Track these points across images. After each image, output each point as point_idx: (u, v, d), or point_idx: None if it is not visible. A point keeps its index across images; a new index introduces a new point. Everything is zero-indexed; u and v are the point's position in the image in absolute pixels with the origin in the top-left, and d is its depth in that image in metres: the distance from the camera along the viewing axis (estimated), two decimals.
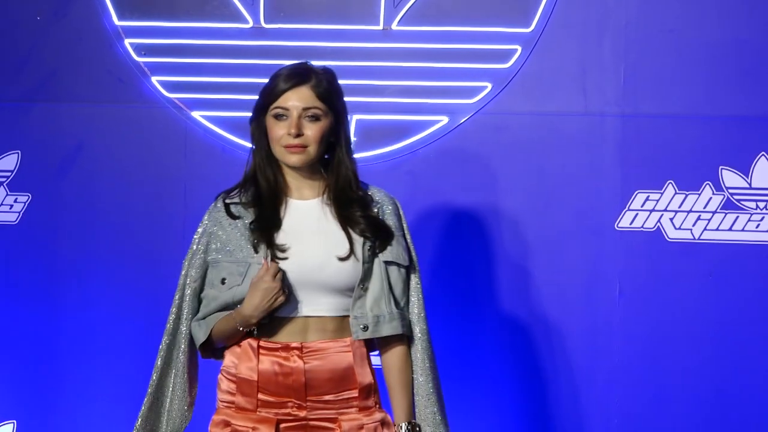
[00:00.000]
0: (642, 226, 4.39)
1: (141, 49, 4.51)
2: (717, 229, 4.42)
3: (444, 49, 4.44)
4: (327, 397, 3.07)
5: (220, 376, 3.12)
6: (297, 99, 3.05)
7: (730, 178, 4.41)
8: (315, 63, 3.15)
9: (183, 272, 3.18)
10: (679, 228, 4.43)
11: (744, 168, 4.40)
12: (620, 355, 4.39)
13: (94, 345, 4.57)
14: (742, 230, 4.41)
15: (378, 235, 3.11)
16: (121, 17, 4.51)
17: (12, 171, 4.59)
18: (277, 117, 3.06)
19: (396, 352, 3.15)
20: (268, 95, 3.09)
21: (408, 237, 3.17)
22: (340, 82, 4.16)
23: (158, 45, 4.50)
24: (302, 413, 3.07)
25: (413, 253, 3.16)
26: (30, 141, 4.56)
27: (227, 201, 3.14)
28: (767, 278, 4.42)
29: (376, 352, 3.13)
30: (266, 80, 4.25)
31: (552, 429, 4.48)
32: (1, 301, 4.60)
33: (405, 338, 3.13)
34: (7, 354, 4.61)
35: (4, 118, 4.58)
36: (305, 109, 3.04)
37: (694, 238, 4.43)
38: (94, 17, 4.51)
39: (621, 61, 4.41)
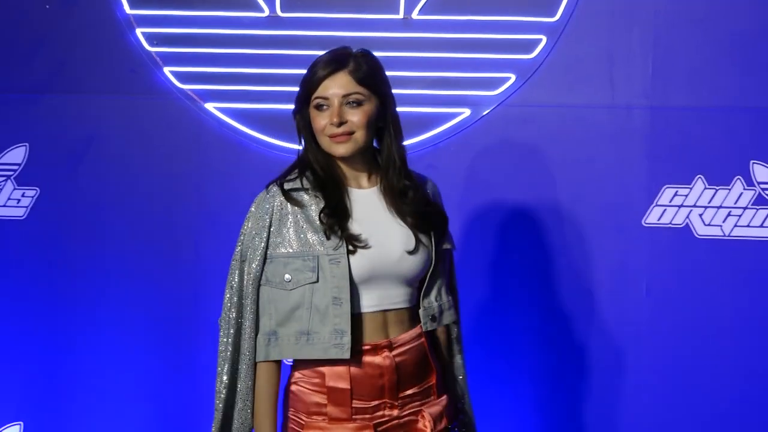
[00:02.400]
0: (670, 222, 4.35)
1: (153, 39, 4.49)
2: (748, 226, 4.39)
3: (466, 38, 4.42)
4: (412, 391, 3.06)
5: (296, 388, 3.04)
6: (336, 86, 3.00)
7: (761, 172, 4.38)
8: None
9: (234, 271, 3.09)
10: (709, 224, 4.40)
11: None
12: (647, 354, 4.37)
13: (104, 343, 4.58)
14: None
15: (436, 224, 3.11)
16: (132, 6, 4.49)
17: (20, 164, 4.57)
18: (318, 107, 3.02)
19: (442, 338, 3.23)
20: (308, 85, 3.05)
21: None
22: None
23: (171, 34, 4.49)
24: (395, 412, 3.05)
25: None
26: (38, 134, 4.56)
27: (287, 187, 3.05)
28: None
29: None
30: (282, 71, 4.40)
31: (579, 426, 4.48)
32: (7, 300, 4.60)
33: (450, 325, 3.22)
34: (14, 353, 4.60)
35: (11, 110, 4.56)
36: (345, 95, 2.99)
37: (725, 235, 4.39)
38: (104, 6, 4.50)
39: (649, 52, 4.38)
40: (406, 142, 4.27)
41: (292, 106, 4.33)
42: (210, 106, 4.49)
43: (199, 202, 4.53)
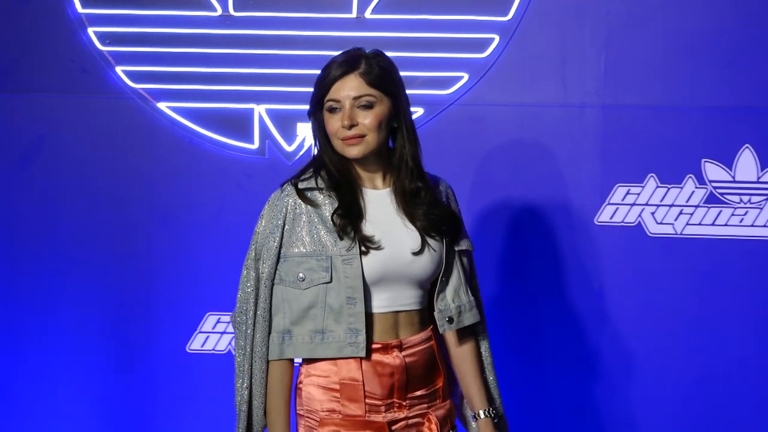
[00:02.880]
0: (623, 221, 4.37)
1: (105, 38, 4.47)
2: (700, 224, 4.42)
3: (419, 38, 4.42)
4: (420, 393, 3.06)
5: (308, 385, 3.05)
6: (347, 89, 2.99)
7: (713, 171, 4.40)
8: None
9: (249, 271, 3.09)
10: (661, 222, 4.42)
11: (727, 161, 4.39)
12: (599, 352, 4.38)
13: (55, 343, 4.57)
14: (726, 225, 4.40)
15: (449, 226, 3.10)
16: (84, 5, 4.47)
17: None
18: (331, 110, 3.01)
19: (471, 340, 3.19)
20: (320, 88, 3.04)
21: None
22: (309, 72, 4.26)
23: (123, 33, 4.47)
24: (403, 413, 3.05)
25: None
26: None
27: (301, 187, 3.04)
28: (751, 274, 4.42)
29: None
30: (235, 70, 4.41)
31: (524, 425, 4.48)
32: None
33: (475, 324, 3.19)
34: None
35: None
36: (356, 98, 2.99)
37: (677, 233, 4.41)
38: (56, 5, 4.48)
39: (601, 51, 4.39)
40: None
41: (244, 105, 4.45)
42: (163, 106, 4.48)
43: (152, 201, 4.52)
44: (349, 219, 2.98)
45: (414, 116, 4.26)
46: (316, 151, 3.10)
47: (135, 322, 4.56)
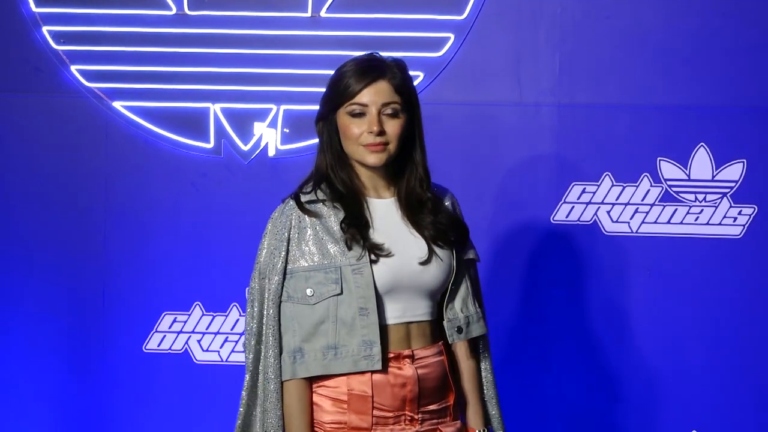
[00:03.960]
0: (578, 220, 4.40)
1: (60, 37, 4.50)
2: (655, 222, 4.46)
3: (374, 36, 4.46)
4: (431, 407, 3.04)
5: (317, 398, 3.00)
6: (375, 94, 2.96)
7: (668, 169, 4.44)
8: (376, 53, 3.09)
9: (254, 292, 3.05)
10: (617, 221, 4.46)
11: (683, 159, 4.44)
12: (556, 352, 4.41)
13: (12, 344, 4.60)
14: (681, 223, 4.45)
15: (456, 235, 3.09)
16: (38, 4, 4.50)
17: None
18: (354, 114, 2.97)
19: (473, 355, 3.17)
20: (341, 91, 3.00)
21: None
22: (264, 71, 4.45)
23: (78, 32, 4.50)
24: (414, 427, 3.02)
25: None
26: None
27: (303, 200, 3.01)
28: (706, 272, 4.47)
29: None
30: (190, 69, 4.44)
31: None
32: None
33: (477, 338, 3.17)
34: None
35: None
36: (384, 104, 2.96)
37: (632, 232, 4.45)
38: (10, 3, 4.52)
39: (556, 50, 4.43)
40: (311, 141, 4.45)
41: (200, 104, 4.47)
42: (118, 105, 4.51)
43: (107, 200, 4.55)
44: (357, 228, 2.96)
45: None
46: (320, 158, 3.08)
47: (90, 322, 4.58)
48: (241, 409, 3.05)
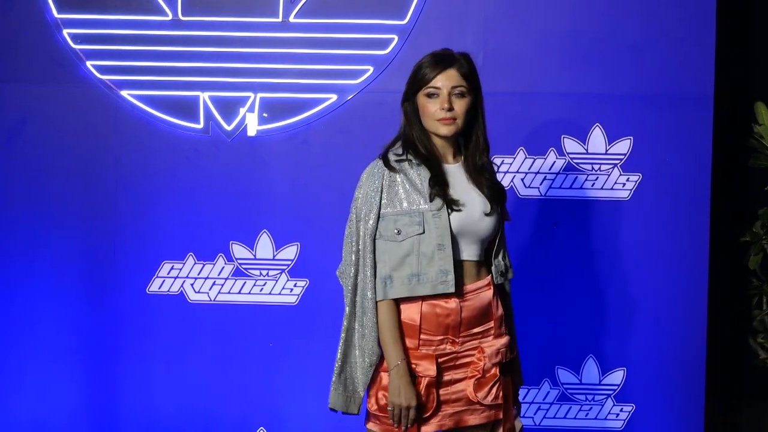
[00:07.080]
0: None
1: (77, 38, 4.71)
2: (560, 188, 4.75)
3: (333, 38, 4.69)
4: (474, 330, 3.28)
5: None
6: (447, 79, 3.25)
7: (570, 145, 4.75)
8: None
9: (352, 230, 3.26)
10: (529, 186, 4.74)
11: (582, 136, 4.74)
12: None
13: (41, 285, 4.77)
14: (581, 188, 4.75)
15: (503, 198, 3.38)
16: (60, 11, 4.70)
17: None
18: (430, 96, 3.26)
19: (506, 293, 3.47)
20: (420, 78, 3.28)
21: None
22: (244, 66, 4.58)
23: (92, 34, 4.71)
24: (455, 348, 3.26)
25: None
26: None
27: (393, 158, 3.25)
28: (600, 227, 4.74)
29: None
30: (184, 64, 4.61)
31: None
32: None
33: (506, 283, 3.46)
34: None
35: None
36: (454, 87, 3.26)
37: (541, 195, 4.76)
38: (36, 11, 4.70)
39: (480, 48, 4.68)
40: (285, 122, 4.69)
41: (191, 93, 4.66)
42: (125, 93, 4.73)
43: (117, 171, 4.74)
44: (440, 186, 3.22)
45: (329, 102, 4.64)
46: (405, 130, 3.32)
47: (103, 269, 4.76)
48: (345, 323, 3.27)
